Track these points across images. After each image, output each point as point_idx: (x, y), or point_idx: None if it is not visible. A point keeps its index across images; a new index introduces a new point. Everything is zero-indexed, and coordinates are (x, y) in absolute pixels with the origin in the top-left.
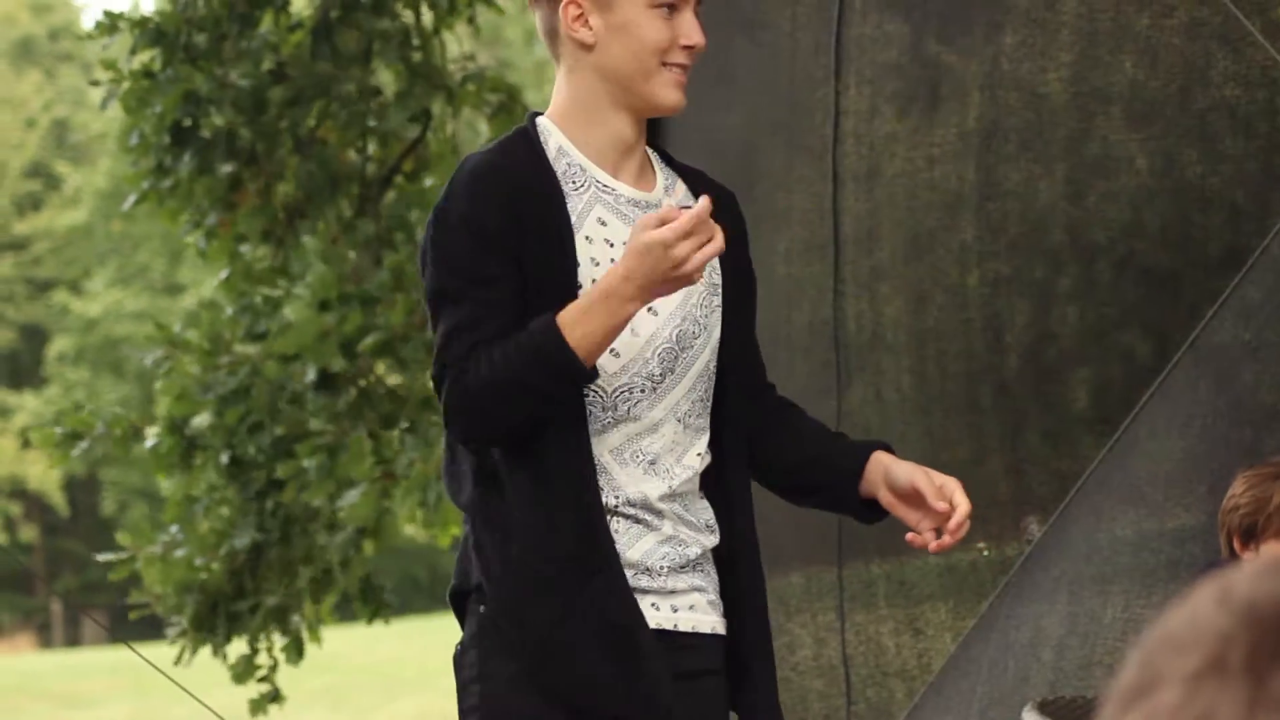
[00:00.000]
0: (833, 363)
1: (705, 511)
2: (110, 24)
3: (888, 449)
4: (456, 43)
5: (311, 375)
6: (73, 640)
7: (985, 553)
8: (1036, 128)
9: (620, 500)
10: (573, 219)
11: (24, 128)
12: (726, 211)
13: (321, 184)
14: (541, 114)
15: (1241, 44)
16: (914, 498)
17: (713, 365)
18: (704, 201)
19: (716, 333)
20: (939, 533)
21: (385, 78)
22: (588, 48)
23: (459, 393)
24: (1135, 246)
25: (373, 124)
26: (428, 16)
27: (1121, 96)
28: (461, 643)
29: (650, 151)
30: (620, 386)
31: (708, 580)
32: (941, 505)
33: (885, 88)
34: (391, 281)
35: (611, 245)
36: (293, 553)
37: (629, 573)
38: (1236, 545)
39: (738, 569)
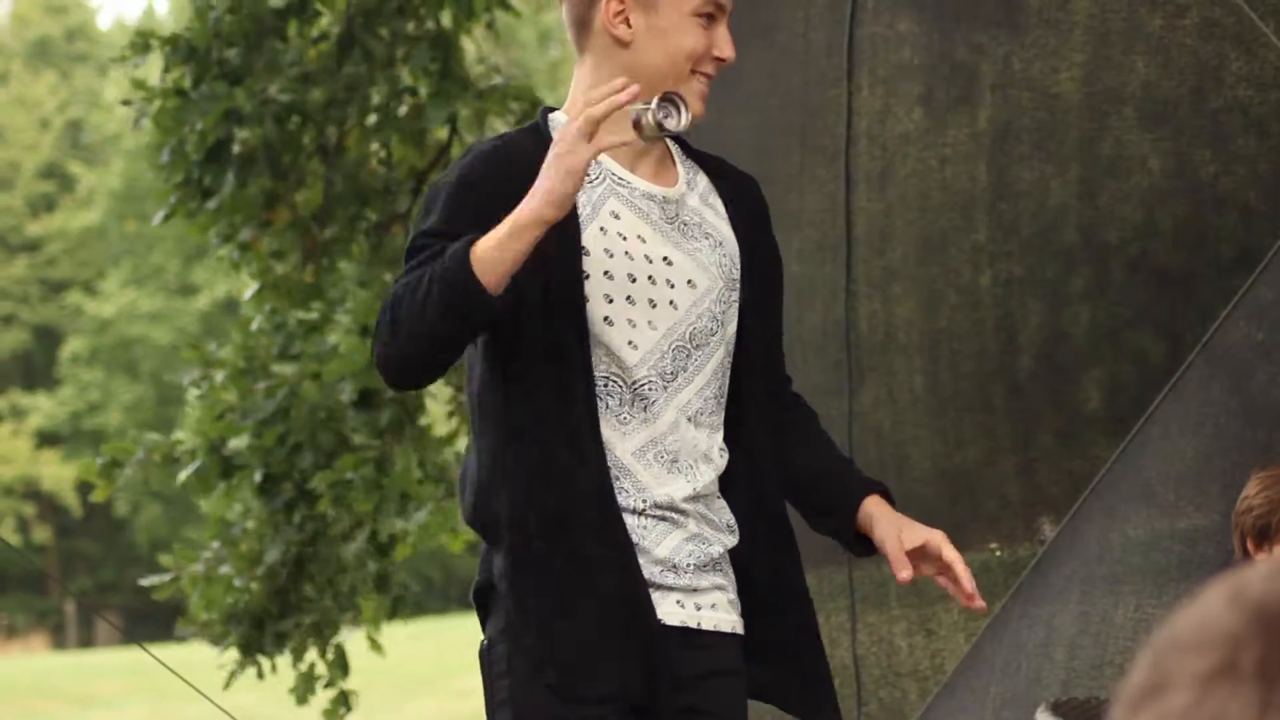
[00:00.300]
0: (845, 363)
1: (725, 512)
2: (143, 43)
3: (885, 494)
4: (474, 46)
5: (349, 394)
6: (86, 641)
7: (998, 553)
8: (1049, 128)
9: (648, 503)
10: (585, 210)
11: (38, 129)
12: (748, 196)
13: (347, 194)
14: (555, 109)
15: (1254, 45)
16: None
17: (727, 363)
18: (619, 83)
19: (732, 328)
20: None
21: (408, 80)
22: (623, 44)
23: (377, 334)
24: (1148, 247)
25: (405, 127)
26: (447, 19)
27: (1134, 97)
28: (488, 638)
29: (670, 144)
30: (640, 380)
31: (728, 580)
32: (925, 570)
33: (898, 88)
34: None
35: (625, 239)
36: (327, 566)
37: (656, 569)
38: (1250, 546)
39: (779, 561)
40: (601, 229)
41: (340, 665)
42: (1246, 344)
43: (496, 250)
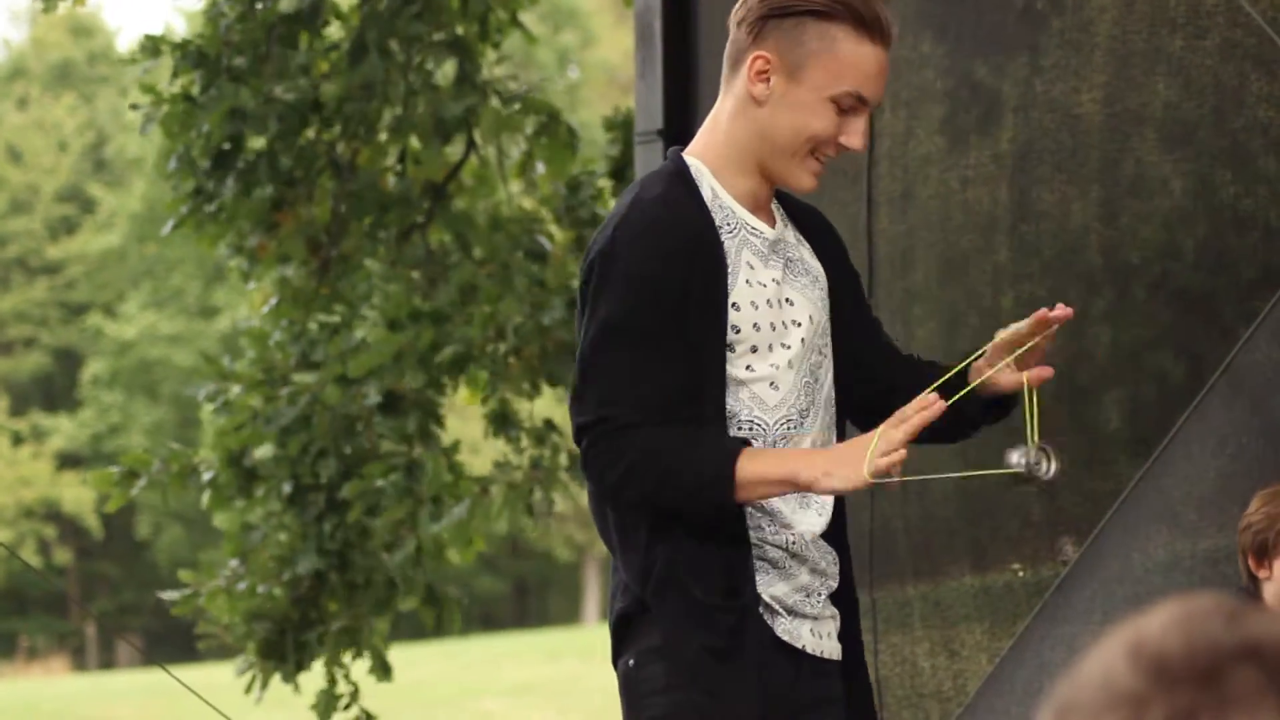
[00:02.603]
0: None
1: (837, 556)
2: (152, 47)
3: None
4: (488, 68)
5: (375, 398)
6: (107, 663)
7: (1020, 574)
8: (1070, 149)
9: (788, 543)
10: (730, 265)
11: (57, 151)
12: (823, 229)
13: (366, 207)
14: (683, 149)
15: (1276, 65)
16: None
17: (833, 392)
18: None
19: (829, 381)
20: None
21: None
22: (758, 103)
23: (617, 450)
24: (1169, 268)
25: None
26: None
27: (1155, 118)
28: (636, 658)
29: None
30: (780, 419)
31: (835, 610)
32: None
33: (920, 110)
34: (459, 297)
35: (765, 286)
36: (355, 575)
37: (798, 596)
38: (1251, 563)
39: (848, 595)
40: (747, 282)
41: (382, 668)
42: (1269, 364)
43: (758, 490)
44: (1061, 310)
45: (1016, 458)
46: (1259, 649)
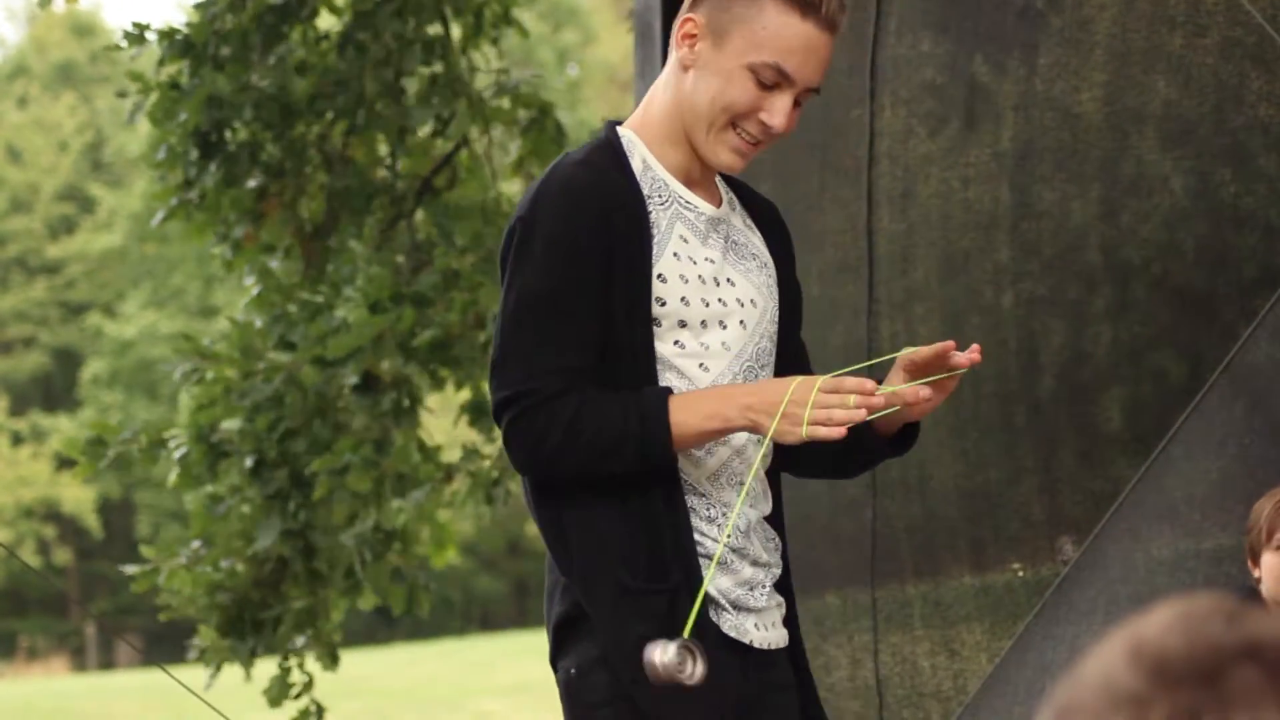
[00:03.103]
0: None
1: (779, 543)
2: (139, 35)
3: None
4: (484, 61)
5: (353, 379)
6: (106, 663)
7: (1020, 573)
8: (1071, 148)
9: (733, 532)
10: (659, 234)
11: (57, 151)
12: (776, 225)
13: (354, 194)
14: (619, 123)
15: (1275, 64)
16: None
17: None
18: (868, 385)
19: (771, 368)
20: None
21: (410, 85)
22: (684, 68)
23: (539, 424)
24: (1170, 266)
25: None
26: (456, 33)
27: (1155, 116)
28: (578, 666)
29: None
30: None
31: (780, 598)
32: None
33: (920, 108)
34: (442, 283)
35: (695, 263)
36: (319, 563)
37: (739, 590)
38: (1251, 565)
39: (787, 581)
40: (675, 254)
41: (330, 659)
42: (1269, 364)
43: (696, 439)
44: (969, 356)
45: (658, 654)
46: (1259, 648)
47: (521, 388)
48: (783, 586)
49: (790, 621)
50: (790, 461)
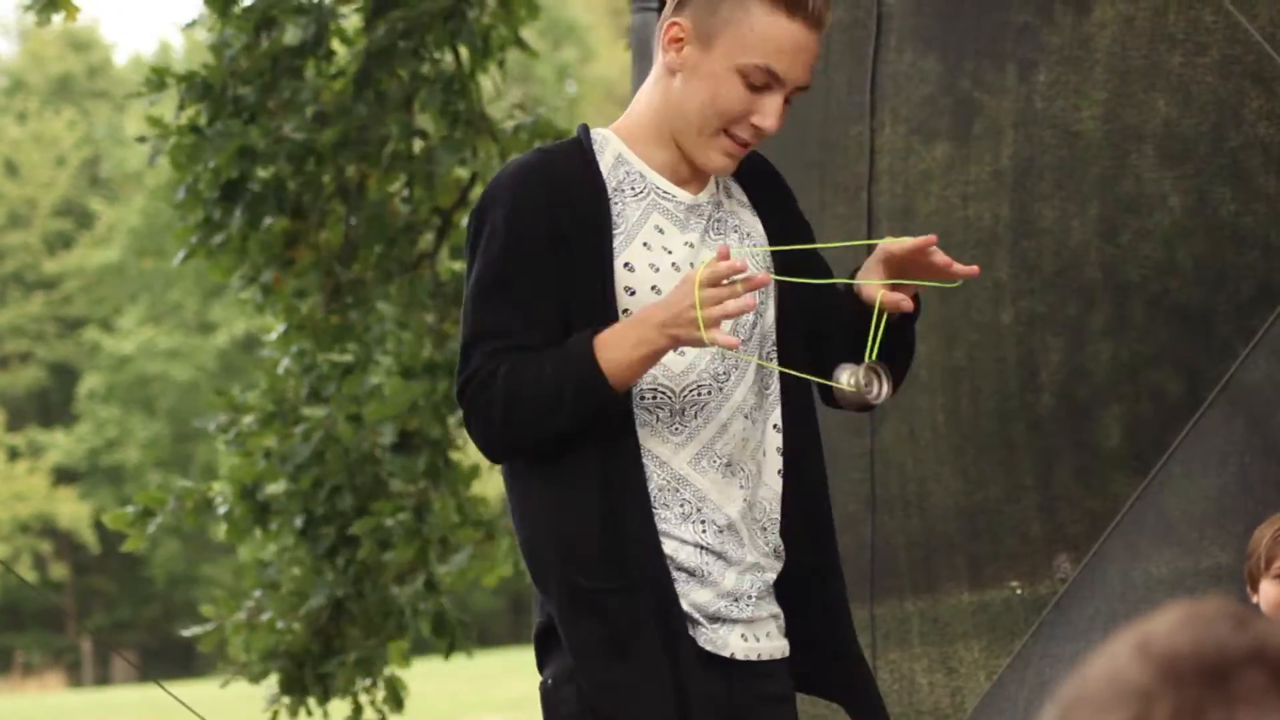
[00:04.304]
0: None
1: (775, 539)
2: (159, 80)
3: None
4: (490, 82)
5: (389, 438)
6: (102, 679)
7: (1019, 591)
8: (1070, 165)
9: (708, 531)
10: (629, 224)
11: (54, 166)
12: (766, 178)
13: (374, 234)
14: (592, 127)
15: (1274, 82)
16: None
17: (770, 354)
18: (738, 263)
19: (770, 316)
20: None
21: (425, 122)
22: (671, 72)
23: (483, 401)
24: (1168, 284)
25: (417, 170)
26: (465, 57)
27: (1155, 134)
28: (551, 677)
29: None
30: (689, 385)
31: (777, 606)
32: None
33: (921, 126)
34: None
35: (670, 252)
36: (370, 607)
37: (723, 602)
38: (1250, 593)
39: (828, 578)
40: (645, 244)
41: (394, 700)
42: (1268, 382)
43: (630, 370)
44: (967, 269)
45: (846, 376)
46: (1264, 652)
47: (469, 374)
48: (791, 584)
49: (833, 611)
50: (823, 391)
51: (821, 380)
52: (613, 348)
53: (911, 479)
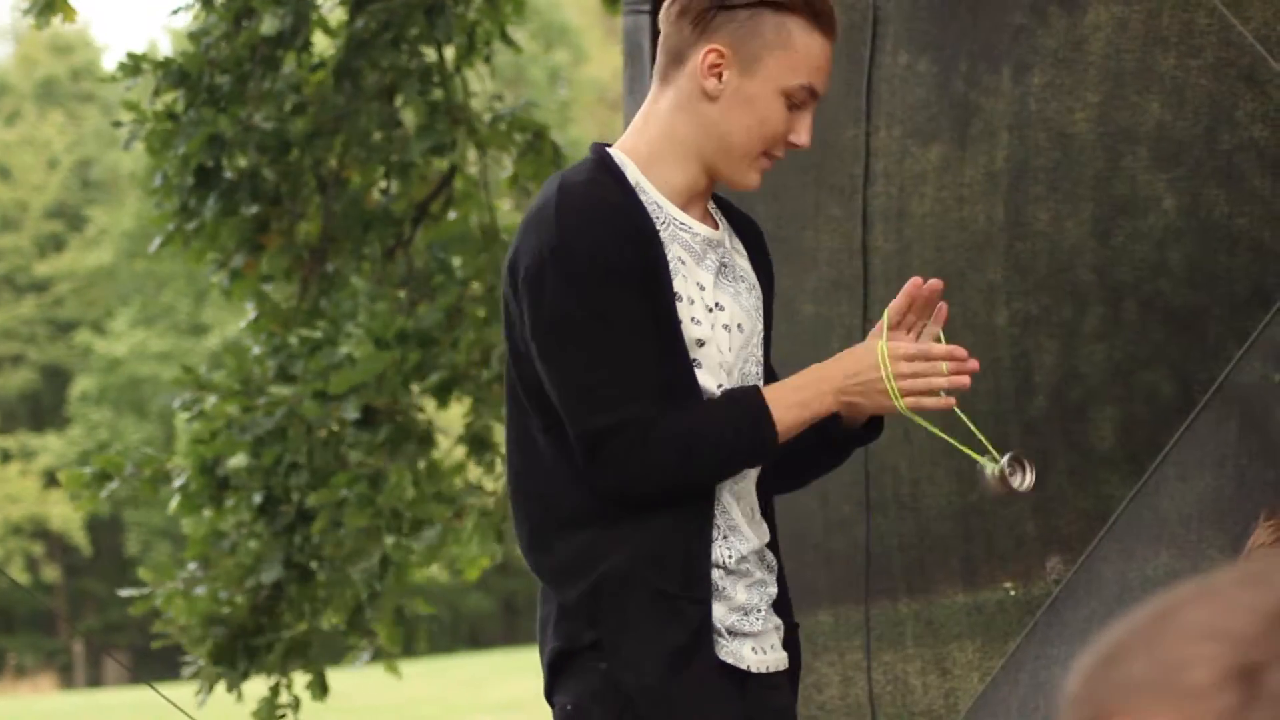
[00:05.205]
0: None
1: (771, 556)
2: (134, 66)
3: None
4: (479, 81)
5: (353, 414)
6: (95, 681)
7: (1012, 592)
8: (1064, 168)
9: (734, 557)
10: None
11: (46, 169)
12: (760, 248)
13: (351, 224)
14: (606, 146)
15: (1268, 84)
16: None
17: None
18: (956, 350)
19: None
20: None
21: (407, 115)
22: (709, 98)
23: (643, 457)
24: (1162, 286)
25: (394, 158)
26: (449, 54)
27: (1148, 136)
28: (574, 702)
29: None
30: None
31: (779, 618)
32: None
33: (915, 128)
34: (445, 320)
35: (703, 289)
36: (316, 589)
37: (735, 615)
38: None
39: (786, 605)
40: (684, 276)
41: (320, 687)
42: (1262, 384)
43: (789, 431)
44: (932, 284)
45: (991, 469)
46: None
47: (622, 415)
48: (782, 606)
49: (792, 645)
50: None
51: (973, 454)
52: (778, 405)
53: (905, 480)
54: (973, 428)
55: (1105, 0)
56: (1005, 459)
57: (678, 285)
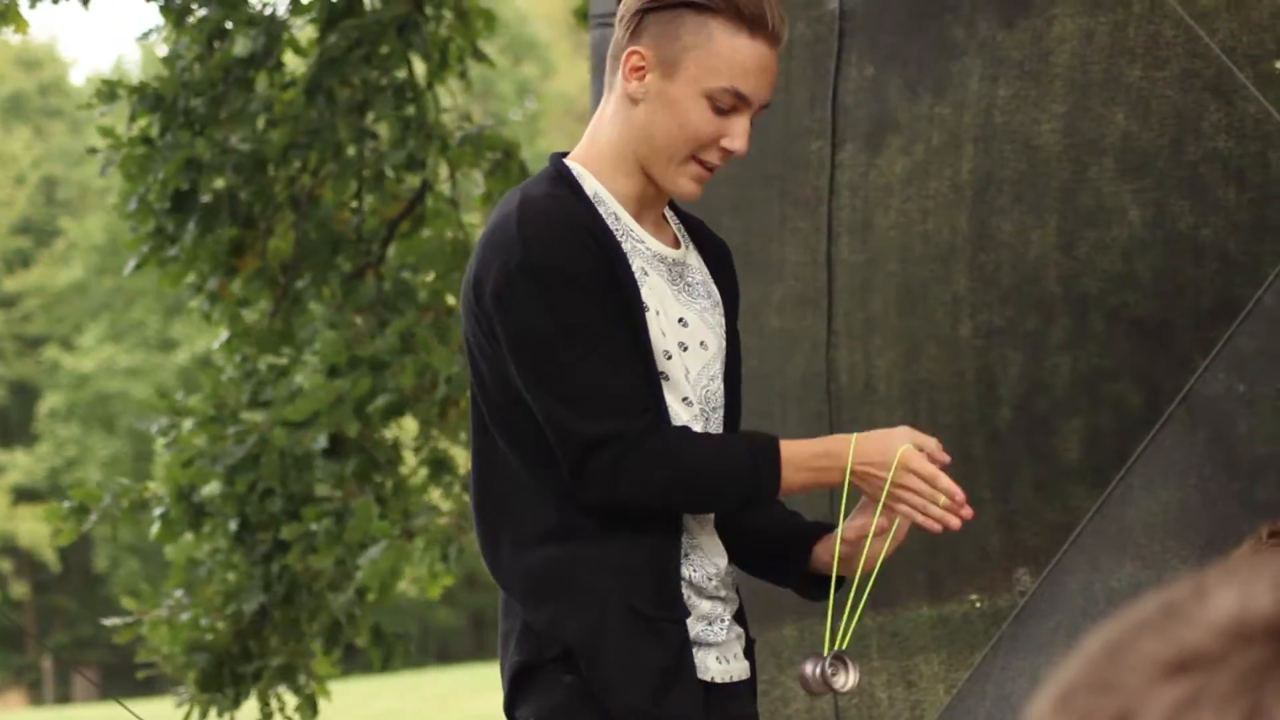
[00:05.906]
0: (825, 414)
1: (731, 571)
2: (109, 92)
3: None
4: (449, 96)
5: (322, 442)
6: (63, 697)
7: (978, 605)
8: (1030, 179)
9: (701, 575)
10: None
11: (13, 185)
12: (726, 268)
13: (320, 243)
14: (564, 155)
15: (1234, 95)
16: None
17: (712, 418)
18: (958, 493)
19: (719, 383)
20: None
21: (381, 129)
22: (635, 101)
23: (636, 469)
24: (1127, 297)
25: (366, 173)
26: (420, 70)
27: (1114, 148)
28: (537, 715)
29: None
30: None
31: (740, 627)
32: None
33: (880, 140)
34: (399, 344)
35: (663, 301)
36: (298, 613)
37: (699, 626)
38: None
39: (743, 617)
40: (650, 287)
41: (310, 707)
42: (1227, 395)
43: (799, 486)
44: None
45: (810, 668)
46: None
47: (614, 426)
48: (740, 616)
49: (749, 655)
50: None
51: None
52: (790, 464)
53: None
54: (829, 615)
55: (1072, 12)
56: (828, 658)
57: (645, 297)
